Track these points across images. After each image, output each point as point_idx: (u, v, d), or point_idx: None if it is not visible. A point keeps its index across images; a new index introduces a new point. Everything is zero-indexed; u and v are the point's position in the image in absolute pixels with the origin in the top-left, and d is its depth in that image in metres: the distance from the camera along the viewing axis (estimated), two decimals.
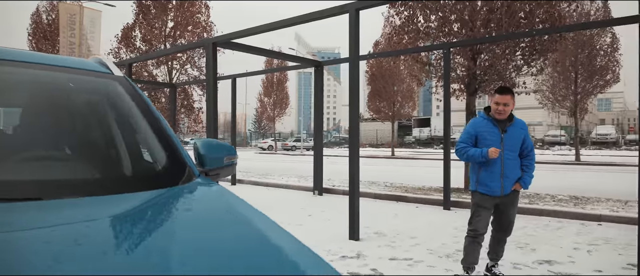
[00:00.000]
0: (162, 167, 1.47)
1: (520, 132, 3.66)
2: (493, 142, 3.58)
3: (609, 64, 18.30)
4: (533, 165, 3.74)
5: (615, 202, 7.63)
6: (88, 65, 1.77)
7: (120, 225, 1.06)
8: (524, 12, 8.36)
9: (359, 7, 5.28)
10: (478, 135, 3.65)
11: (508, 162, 3.59)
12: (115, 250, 0.91)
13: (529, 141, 3.72)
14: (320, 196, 9.35)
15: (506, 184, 3.60)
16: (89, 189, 1.27)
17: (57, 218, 1.03)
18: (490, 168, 3.60)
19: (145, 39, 15.71)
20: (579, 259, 4.53)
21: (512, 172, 3.62)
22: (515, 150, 3.64)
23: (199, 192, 1.38)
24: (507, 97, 3.55)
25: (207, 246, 0.99)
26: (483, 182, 3.63)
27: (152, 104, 1.73)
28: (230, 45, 7.40)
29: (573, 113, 19.34)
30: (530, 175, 3.71)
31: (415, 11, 9.19)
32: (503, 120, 3.63)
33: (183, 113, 16.82)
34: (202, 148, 1.65)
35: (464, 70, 9.12)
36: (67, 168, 1.41)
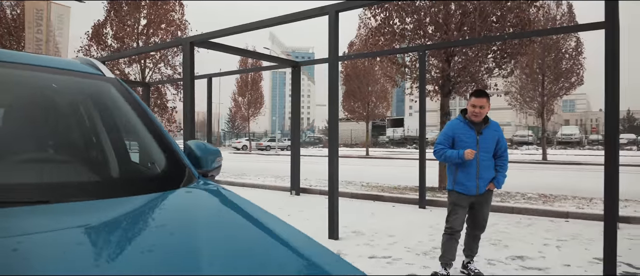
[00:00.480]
0: (163, 170, 1.46)
1: (495, 134, 3.82)
2: (469, 144, 3.73)
3: (574, 67, 19.04)
4: (506, 165, 3.89)
5: (580, 200, 7.97)
6: (78, 66, 1.75)
7: (137, 228, 1.07)
8: (496, 17, 8.63)
9: (339, 8, 5.35)
10: (455, 137, 3.80)
11: (483, 163, 3.75)
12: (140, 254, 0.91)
13: (503, 142, 3.87)
14: (298, 196, 9.39)
15: (481, 184, 3.76)
16: (92, 192, 1.26)
17: (70, 221, 1.03)
18: (466, 169, 3.75)
19: (117, 36, 15.35)
20: (549, 254, 4.74)
21: (487, 172, 3.79)
22: (490, 151, 3.80)
23: (205, 194, 1.39)
24: (483, 100, 3.70)
25: (232, 249, 1.01)
26: (460, 181, 3.78)
27: (146, 106, 1.73)
28: (208, 44, 7.35)
29: (540, 114, 20.03)
30: (503, 174, 3.86)
31: (391, 13, 9.34)
32: (479, 122, 3.77)
33: (156, 112, 16.53)
34: (198, 150, 1.66)
35: (439, 72, 9.33)
36: (68, 171, 1.40)
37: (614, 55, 3.84)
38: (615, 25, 3.88)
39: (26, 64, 1.59)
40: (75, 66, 1.75)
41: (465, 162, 3.71)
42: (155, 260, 0.89)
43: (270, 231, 1.17)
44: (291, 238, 1.11)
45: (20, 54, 1.69)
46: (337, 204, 5.48)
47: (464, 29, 8.77)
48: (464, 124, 3.81)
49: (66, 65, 1.73)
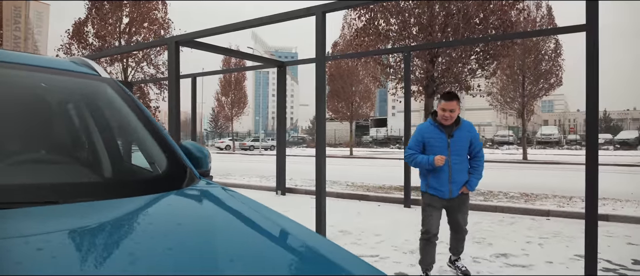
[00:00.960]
0: (165, 170, 1.46)
1: (467, 135, 3.69)
2: (440, 148, 3.61)
3: (553, 68, 19.48)
4: (481, 166, 3.76)
5: (561, 198, 8.17)
6: (74, 67, 1.73)
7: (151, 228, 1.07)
8: (479, 19, 8.78)
9: (326, 9, 5.37)
10: (425, 142, 3.69)
11: (455, 167, 3.64)
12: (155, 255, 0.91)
13: (477, 142, 3.75)
14: (284, 196, 9.39)
15: (454, 188, 3.67)
16: (97, 193, 1.26)
17: (82, 221, 1.04)
18: (438, 174, 3.65)
19: (98, 34, 15.09)
20: (532, 251, 4.85)
21: (460, 176, 3.68)
22: (462, 154, 3.68)
23: (213, 193, 1.40)
24: (453, 103, 3.57)
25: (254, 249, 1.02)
26: (432, 185, 3.71)
27: (144, 106, 1.73)
28: (194, 44, 7.30)
29: (520, 114, 20.42)
30: (477, 176, 3.74)
31: (376, 14, 9.42)
32: (450, 125, 3.65)
33: None
34: (195, 151, 1.67)
35: (423, 73, 9.45)
36: (73, 172, 1.39)
37: (594, 57, 3.95)
38: (595, 26, 3.99)
39: (22, 64, 1.58)
40: (71, 66, 1.74)
41: (436, 167, 3.60)
42: (178, 260, 0.89)
43: (285, 230, 1.19)
44: (309, 238, 1.13)
45: (15, 53, 1.68)
46: (324, 204, 5.50)
47: (448, 31, 8.90)
48: (434, 128, 3.68)
49: (62, 65, 1.71)
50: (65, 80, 1.64)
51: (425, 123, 3.79)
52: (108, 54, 12.95)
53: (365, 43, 9.69)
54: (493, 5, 8.67)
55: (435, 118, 3.70)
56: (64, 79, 1.64)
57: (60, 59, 1.84)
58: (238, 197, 1.41)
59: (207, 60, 76.45)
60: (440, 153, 3.57)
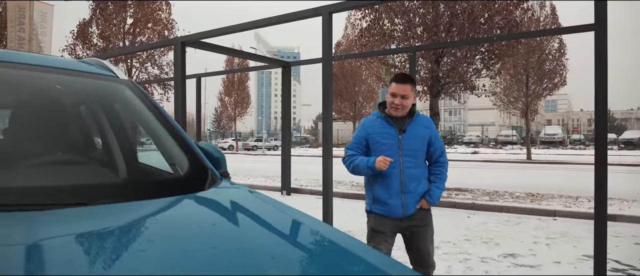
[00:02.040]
0: (187, 172, 1.47)
1: (425, 132, 2.76)
2: (388, 147, 2.69)
3: (557, 68, 19.43)
4: (445, 174, 2.84)
5: (567, 198, 8.14)
6: (91, 68, 1.74)
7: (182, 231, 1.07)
8: (484, 19, 8.77)
9: (333, 10, 5.38)
10: (369, 139, 2.77)
11: (409, 172, 2.70)
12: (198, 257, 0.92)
13: (438, 142, 2.82)
14: (289, 196, 9.40)
15: (409, 201, 2.70)
16: (120, 195, 1.27)
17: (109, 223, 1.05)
18: (386, 182, 2.69)
19: (103, 35, 15.15)
20: (539, 252, 4.84)
21: (416, 185, 2.72)
22: (418, 156, 2.75)
23: (237, 194, 1.41)
24: (407, 87, 2.68)
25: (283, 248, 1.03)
26: (379, 199, 2.72)
27: (162, 108, 1.73)
28: (200, 44, 7.32)
29: (524, 114, 20.37)
30: (440, 186, 2.79)
31: (381, 14, 9.42)
32: (401, 117, 2.73)
33: None
34: (214, 152, 1.68)
35: (428, 73, 9.44)
36: (98, 174, 1.41)
37: (602, 56, 3.94)
38: (604, 26, 3.98)
39: (39, 66, 1.59)
40: (88, 68, 1.75)
41: (383, 174, 2.66)
42: (223, 261, 0.91)
43: (317, 231, 1.20)
44: (341, 240, 1.14)
45: (31, 55, 1.69)
46: (331, 204, 5.51)
47: (453, 31, 8.90)
48: (381, 120, 2.76)
49: (79, 66, 1.73)
50: (84, 82, 1.66)
51: (370, 116, 2.88)
52: (114, 55, 13.00)
53: (370, 43, 9.70)
54: (498, 5, 8.66)
55: (383, 110, 2.82)
56: (82, 81, 1.65)
57: (76, 61, 1.85)
58: (263, 198, 1.41)
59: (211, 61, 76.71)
60: (389, 153, 2.65)
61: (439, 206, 7.85)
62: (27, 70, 1.53)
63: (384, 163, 2.57)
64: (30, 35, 17.74)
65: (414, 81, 2.80)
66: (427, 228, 2.81)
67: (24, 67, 1.53)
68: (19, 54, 1.64)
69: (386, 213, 2.72)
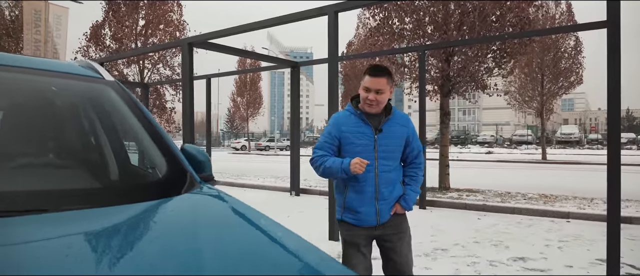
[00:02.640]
0: (165, 175, 1.44)
1: (402, 131, 2.51)
2: (363, 147, 2.44)
3: (573, 66, 19.04)
4: (420, 176, 2.60)
5: (581, 200, 7.95)
6: (78, 69, 1.72)
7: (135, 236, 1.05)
8: (495, 16, 8.61)
9: (338, 9, 5.32)
10: (342, 137, 2.48)
11: (384, 176, 2.46)
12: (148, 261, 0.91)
13: (415, 142, 2.57)
14: (298, 196, 9.36)
15: (383, 207, 2.46)
16: (91, 200, 1.23)
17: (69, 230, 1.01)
18: (359, 187, 2.45)
19: (115, 37, 15.31)
20: (550, 255, 4.71)
21: (390, 190, 2.48)
22: (394, 157, 2.50)
23: (206, 200, 1.37)
24: (382, 81, 2.40)
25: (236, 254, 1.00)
26: (351, 206, 2.47)
27: (146, 109, 1.70)
28: (207, 45, 7.32)
29: (539, 113, 20.03)
30: (415, 189, 2.55)
31: (390, 13, 9.32)
32: (376, 114, 2.48)
33: (155, 113, 16.50)
34: (198, 154, 1.64)
35: (438, 72, 9.31)
36: (69, 178, 1.37)
37: (615, 54, 3.82)
38: (616, 24, 3.85)
39: (25, 68, 1.57)
40: (75, 69, 1.73)
41: (360, 176, 2.40)
42: (163, 266, 0.89)
43: (273, 237, 1.15)
44: (293, 244, 1.09)
45: (19, 57, 1.67)
46: None
47: (464, 29, 8.75)
48: (355, 118, 2.48)
49: (65, 68, 1.71)
50: (68, 83, 1.63)
51: (342, 112, 2.57)
52: (123, 56, 13.12)
53: (380, 42, 9.60)
54: (510, 3, 8.49)
55: (356, 105, 2.53)
56: (65, 82, 1.63)
57: (63, 62, 1.83)
58: (234, 203, 1.37)
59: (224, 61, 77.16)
60: (364, 154, 2.39)
61: (449, 207, 7.74)
62: (11, 72, 1.51)
63: (360, 166, 2.29)
64: (45, 38, 18.04)
65: (391, 74, 2.48)
66: (403, 235, 2.55)
67: (8, 69, 1.51)
68: (3, 55, 1.62)
69: (358, 222, 2.48)
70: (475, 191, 9.12)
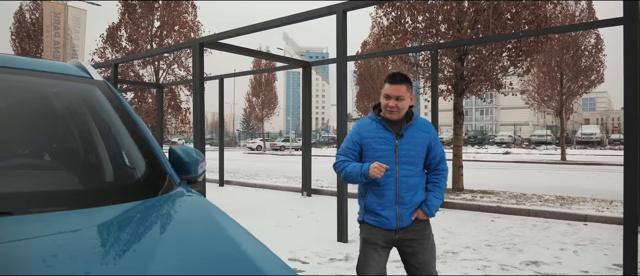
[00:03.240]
0: (142, 176, 1.41)
1: (423, 136, 2.55)
2: (384, 152, 2.49)
3: (594, 65, 18.56)
4: (444, 182, 2.61)
5: (600, 202, 7.72)
6: (67, 69, 1.71)
7: (93, 240, 1.02)
8: (511, 14, 8.42)
9: (347, 8, 5.26)
10: (363, 143, 2.55)
11: (405, 180, 2.49)
12: (87, 265, 0.88)
13: (438, 148, 2.60)
14: (309, 197, 9.32)
15: (404, 212, 2.49)
16: (63, 202, 1.21)
17: (29, 233, 0.98)
18: (379, 191, 2.50)
19: (131, 38, 15.53)
20: (565, 259, 4.56)
21: (412, 195, 2.51)
22: (416, 163, 2.54)
23: (178, 203, 1.33)
24: (402, 88, 2.46)
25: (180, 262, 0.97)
26: (372, 209, 2.53)
27: (132, 110, 1.67)
28: (218, 45, 7.34)
29: (559, 113, 19.59)
30: (438, 196, 2.56)
31: (402, 12, 9.21)
32: (398, 120, 2.54)
33: (170, 113, 16.67)
34: (184, 156, 1.60)
35: (451, 71, 9.16)
36: (41, 179, 1.35)
37: (633, 51, 3.68)
38: (634, 20, 3.71)
39: (12, 68, 1.55)
40: (63, 69, 1.71)
41: (380, 180, 2.46)
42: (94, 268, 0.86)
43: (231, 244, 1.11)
44: (252, 252, 1.04)
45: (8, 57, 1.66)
46: (346, 206, 5.39)
47: (478, 27, 8.59)
48: (376, 124, 2.55)
49: (54, 68, 1.69)
50: (54, 83, 1.61)
51: (365, 119, 2.66)
52: (136, 58, 13.27)
53: (392, 41, 9.49)
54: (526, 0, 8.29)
55: (378, 112, 2.59)
56: (52, 82, 1.61)
57: (52, 62, 1.82)
58: (205, 208, 1.32)
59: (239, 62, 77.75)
60: (385, 160, 2.45)
61: (462, 209, 7.60)
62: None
63: (379, 171, 2.34)
64: (65, 40, 18.40)
65: (410, 81, 2.54)
66: (425, 241, 2.55)
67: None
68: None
69: (379, 224, 2.52)
70: (489, 192, 8.94)
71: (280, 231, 5.92)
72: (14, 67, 1.56)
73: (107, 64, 12.13)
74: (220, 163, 11.69)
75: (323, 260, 4.54)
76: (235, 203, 8.53)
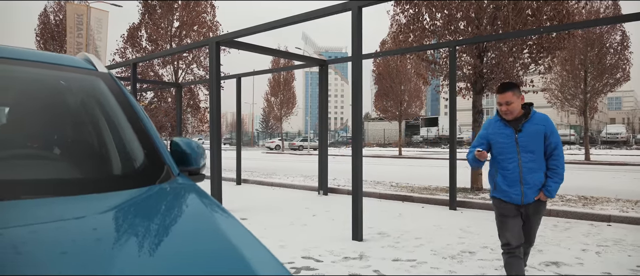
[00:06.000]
0: (140, 166, 1.43)
1: (539, 129, 3.16)
2: (506, 144, 3.20)
3: (619, 62, 18.03)
4: (560, 167, 3.20)
5: (625, 202, 7.48)
6: (72, 62, 1.73)
7: (87, 225, 1.02)
8: (532, 10, 8.23)
9: (362, 4, 5.21)
10: (490, 138, 3.30)
11: (527, 165, 3.15)
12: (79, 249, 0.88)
13: (553, 138, 3.18)
14: (325, 196, 9.29)
15: (527, 191, 3.17)
16: (63, 189, 1.22)
17: (28, 218, 0.99)
18: (505, 173, 3.22)
19: (151, 38, 15.76)
20: (587, 261, 4.43)
21: (534, 176, 3.16)
22: (534, 151, 3.15)
23: (171, 192, 1.33)
24: (508, 95, 3.14)
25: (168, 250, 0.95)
26: (500, 187, 3.26)
27: (135, 101, 1.68)
28: (234, 44, 7.37)
29: (582, 112, 19.10)
30: (556, 180, 3.18)
31: (420, 9, 9.10)
32: (517, 118, 3.21)
33: (189, 112, 16.85)
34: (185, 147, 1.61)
35: (471, 69, 9.01)
36: (44, 167, 1.37)
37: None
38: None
39: (17, 59, 1.57)
40: (69, 61, 1.73)
41: (505, 166, 3.19)
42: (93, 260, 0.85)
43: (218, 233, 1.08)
44: (239, 242, 1.02)
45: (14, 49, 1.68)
46: (361, 204, 5.34)
47: (497, 23, 8.42)
48: (499, 122, 3.26)
49: (59, 60, 1.71)
50: (58, 75, 1.63)
51: (491, 119, 3.37)
52: (154, 57, 13.46)
53: (410, 39, 9.39)
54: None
55: None
56: (57, 74, 1.63)
57: (58, 54, 1.84)
58: (200, 195, 1.31)
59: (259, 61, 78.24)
60: (508, 151, 3.18)
61: (480, 208, 7.46)
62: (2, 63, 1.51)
63: (481, 155, 3.17)
64: (87, 40, 18.78)
65: (516, 86, 3.20)
66: (538, 216, 3.30)
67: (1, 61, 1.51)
68: None
69: (507, 199, 3.22)
70: None
71: (294, 230, 5.91)
72: (19, 58, 1.58)
73: (126, 63, 12.33)
74: (237, 162, 11.76)
75: (337, 258, 4.51)
76: (251, 201, 8.56)
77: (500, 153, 3.23)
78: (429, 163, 21.38)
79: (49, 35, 20.15)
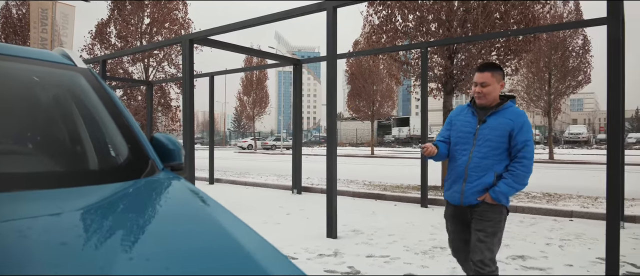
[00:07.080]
0: (124, 160, 1.44)
1: (506, 124, 2.65)
2: (463, 135, 2.77)
3: (581, 65, 18.81)
4: (520, 170, 2.63)
5: (586, 199, 7.84)
6: (51, 57, 1.71)
7: (73, 218, 1.03)
8: (500, 13, 8.51)
9: (337, 5, 5.27)
10: (452, 125, 2.89)
11: (477, 162, 2.67)
12: (64, 243, 0.88)
13: (521, 137, 2.64)
14: (299, 195, 9.33)
15: (468, 191, 2.69)
16: (46, 182, 1.23)
17: (9, 212, 0.99)
18: (453, 167, 2.81)
19: (120, 35, 15.39)
20: (551, 254, 4.64)
21: (480, 177, 2.67)
22: (492, 147, 2.65)
23: (162, 185, 1.35)
24: (486, 75, 2.67)
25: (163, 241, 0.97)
26: (446, 183, 2.88)
27: (116, 97, 1.69)
28: (208, 42, 7.31)
29: (547, 113, 19.82)
30: (508, 183, 2.62)
31: (393, 10, 9.25)
32: (485, 107, 2.73)
33: (160, 111, 16.56)
34: (168, 143, 1.62)
35: (441, 70, 9.23)
36: (26, 161, 1.37)
37: (616, 50, 3.74)
38: (617, 19, 3.77)
39: None
40: (48, 56, 1.71)
41: (456, 158, 2.78)
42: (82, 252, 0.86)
43: (217, 225, 1.11)
44: (237, 233, 1.05)
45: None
46: (335, 202, 5.41)
47: (467, 26, 8.66)
48: (467, 110, 2.83)
49: (37, 55, 1.69)
50: (37, 70, 1.62)
51: (464, 105, 2.94)
52: (125, 54, 13.17)
53: (383, 40, 9.53)
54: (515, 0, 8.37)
55: (474, 102, 2.85)
56: (36, 68, 1.61)
57: (36, 49, 1.82)
58: (189, 189, 1.34)
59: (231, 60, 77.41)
60: (463, 142, 2.75)
61: None
62: None
63: (426, 150, 2.75)
64: (52, 36, 18.16)
65: (498, 68, 2.75)
66: (482, 225, 2.68)
67: None
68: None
69: (448, 198, 2.86)
70: None
71: (268, 228, 5.93)
72: None
73: (95, 60, 12.02)
74: (210, 162, 11.65)
75: (312, 255, 4.56)
76: (225, 200, 8.48)
77: (456, 144, 2.81)
78: (400, 162, 21.71)
79: (10, 29, 19.36)
